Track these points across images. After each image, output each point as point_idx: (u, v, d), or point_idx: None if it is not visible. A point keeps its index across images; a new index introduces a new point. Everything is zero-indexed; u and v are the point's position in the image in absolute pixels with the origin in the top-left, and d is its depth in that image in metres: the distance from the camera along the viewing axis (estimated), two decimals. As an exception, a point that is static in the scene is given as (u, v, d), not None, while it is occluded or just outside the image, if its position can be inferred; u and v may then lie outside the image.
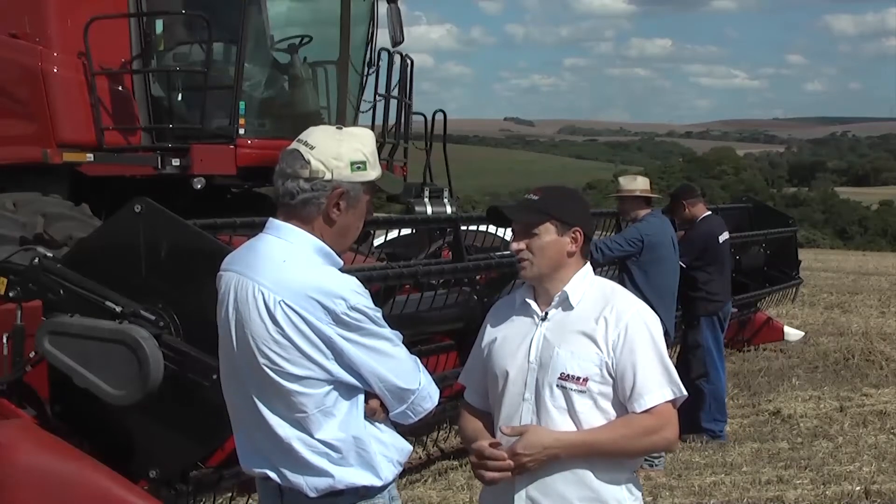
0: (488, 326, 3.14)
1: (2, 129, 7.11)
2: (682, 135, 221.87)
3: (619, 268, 7.46)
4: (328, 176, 2.76)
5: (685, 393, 2.95)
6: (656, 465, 6.98)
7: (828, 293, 17.19)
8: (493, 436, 3.01)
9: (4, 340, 4.59)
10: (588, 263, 3.05)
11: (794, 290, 12.18)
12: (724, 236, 8.18)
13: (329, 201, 2.77)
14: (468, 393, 3.20)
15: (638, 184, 7.51)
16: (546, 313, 3.00)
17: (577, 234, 3.00)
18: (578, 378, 2.88)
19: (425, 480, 6.66)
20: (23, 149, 6.94)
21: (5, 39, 7.06)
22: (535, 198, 3.00)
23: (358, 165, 2.80)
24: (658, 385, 2.87)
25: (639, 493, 3.00)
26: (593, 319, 2.92)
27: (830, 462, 7.07)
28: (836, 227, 61.00)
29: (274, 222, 2.82)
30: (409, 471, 6.73)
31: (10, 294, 4.61)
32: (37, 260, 4.60)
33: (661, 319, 7.65)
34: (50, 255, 4.73)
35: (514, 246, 3.00)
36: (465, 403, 3.20)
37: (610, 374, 2.88)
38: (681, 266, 7.65)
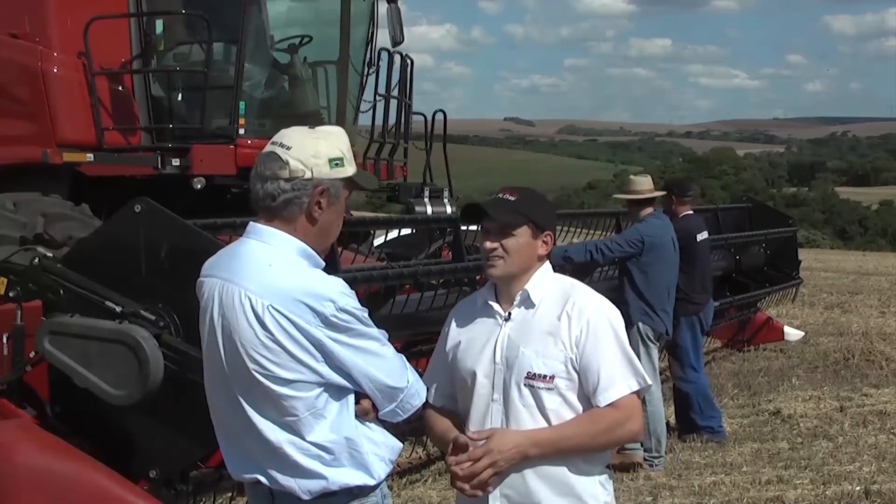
0: (451, 329, 3.14)
1: (2, 129, 7.10)
2: (682, 135, 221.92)
3: (618, 268, 7.46)
4: (308, 174, 2.76)
5: (649, 382, 3.01)
6: (656, 465, 6.98)
7: (828, 293, 17.21)
8: None
9: (4, 340, 4.59)
10: (548, 262, 3.09)
11: (794, 290, 12.19)
12: (703, 235, 8.15)
13: (311, 200, 2.77)
14: (434, 395, 3.16)
15: (648, 184, 7.51)
16: (509, 313, 3.02)
17: (549, 238, 3.06)
18: (545, 376, 2.91)
19: (425, 480, 6.66)
20: (23, 149, 6.93)
21: (5, 39, 7.05)
22: (513, 199, 3.02)
23: (336, 162, 2.80)
24: (622, 377, 2.91)
25: (611, 489, 3.03)
26: (556, 317, 2.95)
27: (830, 462, 7.07)
28: (836, 227, 61.04)
29: (255, 226, 2.82)
30: (409, 471, 6.73)
31: (10, 294, 4.61)
32: (37, 260, 4.59)
33: (660, 319, 7.64)
34: (50, 255, 4.72)
35: (488, 245, 3.01)
36: (429, 406, 3.16)
37: (575, 370, 2.91)
38: None
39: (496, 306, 3.05)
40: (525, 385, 2.93)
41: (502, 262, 3.00)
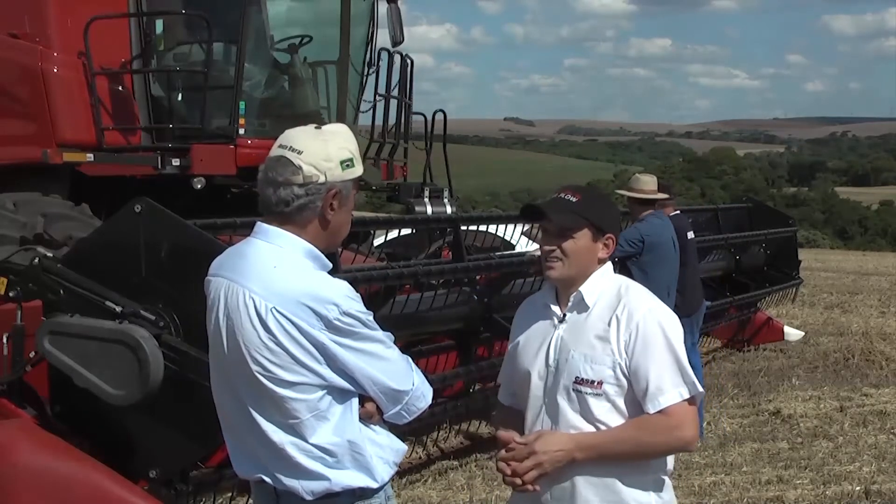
0: (515, 329, 3.14)
1: (2, 129, 7.10)
2: (682, 135, 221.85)
3: (618, 268, 7.45)
4: (322, 179, 2.73)
5: (701, 390, 2.91)
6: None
7: (828, 293, 17.20)
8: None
9: (4, 340, 4.59)
10: (609, 263, 3.03)
11: (794, 290, 12.20)
12: (690, 235, 8.19)
13: (324, 203, 2.75)
14: (501, 392, 3.21)
15: (653, 184, 7.51)
16: (564, 315, 2.98)
17: (611, 241, 2.99)
18: (593, 382, 2.86)
19: (425, 480, 6.65)
20: (23, 149, 6.93)
21: (5, 39, 7.06)
22: (574, 200, 2.95)
23: (347, 163, 2.78)
24: (672, 384, 2.83)
25: (669, 497, 2.96)
26: (606, 321, 2.89)
27: (830, 462, 7.07)
28: (836, 227, 61.09)
29: (262, 226, 2.79)
30: (409, 471, 6.73)
31: (10, 294, 4.61)
32: (37, 260, 4.59)
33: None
34: (50, 255, 4.72)
35: (546, 247, 2.96)
36: (498, 403, 3.21)
37: (624, 376, 2.85)
38: None
39: (554, 307, 3.01)
40: (573, 390, 2.88)
41: (560, 264, 2.94)
